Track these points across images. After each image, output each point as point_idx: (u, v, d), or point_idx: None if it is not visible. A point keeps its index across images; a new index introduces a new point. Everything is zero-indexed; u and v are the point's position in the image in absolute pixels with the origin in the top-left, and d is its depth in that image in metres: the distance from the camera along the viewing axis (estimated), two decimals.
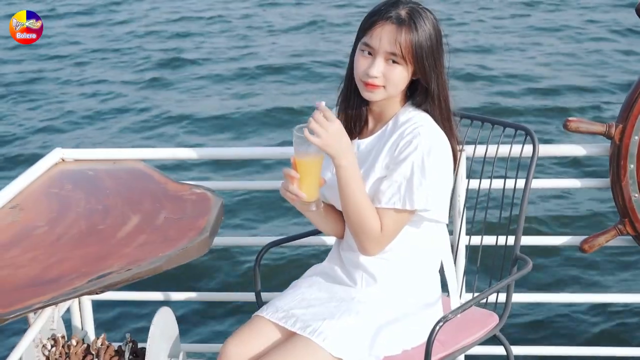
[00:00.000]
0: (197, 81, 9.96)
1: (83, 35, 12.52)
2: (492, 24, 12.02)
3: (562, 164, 6.43)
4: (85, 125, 8.60)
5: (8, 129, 8.67)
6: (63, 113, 9.04)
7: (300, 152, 2.13)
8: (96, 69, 10.68)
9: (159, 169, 2.99)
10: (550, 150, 2.89)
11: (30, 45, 11.77)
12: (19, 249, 2.33)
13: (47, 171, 2.99)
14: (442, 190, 2.24)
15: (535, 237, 3.09)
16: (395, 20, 2.17)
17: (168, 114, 8.73)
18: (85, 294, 2.07)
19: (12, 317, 1.95)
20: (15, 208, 2.64)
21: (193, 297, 3.40)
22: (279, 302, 2.43)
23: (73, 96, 9.64)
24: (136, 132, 8.27)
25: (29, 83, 10.27)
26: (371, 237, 2.24)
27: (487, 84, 9.25)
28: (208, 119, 8.52)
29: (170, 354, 2.67)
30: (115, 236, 2.39)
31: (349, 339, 2.25)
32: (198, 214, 2.53)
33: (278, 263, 4.95)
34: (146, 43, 11.84)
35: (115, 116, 8.84)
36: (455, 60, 9.97)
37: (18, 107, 9.42)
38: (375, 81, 2.21)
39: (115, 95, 9.59)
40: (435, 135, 2.23)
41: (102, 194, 2.76)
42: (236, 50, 11.19)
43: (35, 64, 11.10)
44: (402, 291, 2.38)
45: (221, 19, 13.00)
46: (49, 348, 2.64)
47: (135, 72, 10.47)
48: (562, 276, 4.74)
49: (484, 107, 8.40)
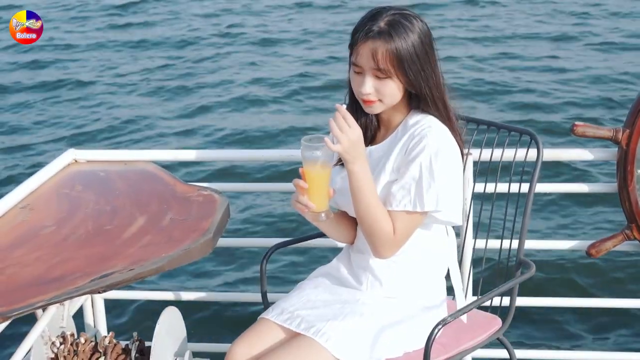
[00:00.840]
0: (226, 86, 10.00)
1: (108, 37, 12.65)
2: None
3: (572, 168, 6.42)
4: (104, 128, 8.69)
5: (25, 128, 8.80)
6: (86, 114, 9.15)
7: (308, 162, 2.15)
8: (118, 72, 10.78)
9: (170, 170, 3.03)
10: (555, 155, 2.88)
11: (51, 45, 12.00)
12: (26, 248, 2.38)
13: (59, 172, 3.04)
14: (453, 190, 2.25)
15: (542, 242, 3.09)
16: (374, 35, 2.17)
17: (190, 119, 8.81)
18: (87, 292, 2.11)
19: (14, 315, 1.99)
20: (26, 208, 2.69)
21: (204, 297, 3.44)
22: (284, 303, 2.46)
23: (95, 98, 9.75)
24: (155, 137, 8.34)
25: (56, 84, 10.40)
26: (384, 240, 2.26)
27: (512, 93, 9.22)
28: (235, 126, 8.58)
29: (177, 353, 2.70)
30: (121, 237, 2.43)
31: (351, 340, 2.27)
32: (203, 215, 2.57)
33: (285, 264, 5.00)
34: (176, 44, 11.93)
35: (137, 120, 8.93)
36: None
37: (39, 107, 9.54)
38: (370, 97, 2.24)
39: (136, 97, 9.68)
40: (442, 136, 2.24)
41: (111, 195, 2.80)
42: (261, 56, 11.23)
43: (61, 63, 11.23)
44: (407, 294, 2.40)
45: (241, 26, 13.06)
46: (58, 345, 2.68)
47: (158, 76, 10.57)
48: (568, 281, 4.71)
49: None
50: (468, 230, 2.90)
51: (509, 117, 8.16)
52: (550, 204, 5.81)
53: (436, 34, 3.02)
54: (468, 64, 10.24)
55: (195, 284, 4.91)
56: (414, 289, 2.40)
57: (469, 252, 2.91)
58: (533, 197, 2.58)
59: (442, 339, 2.47)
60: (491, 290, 2.44)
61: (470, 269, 2.89)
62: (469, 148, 2.83)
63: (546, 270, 4.67)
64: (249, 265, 5.04)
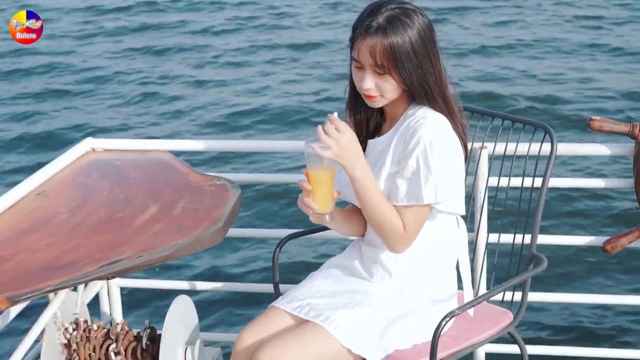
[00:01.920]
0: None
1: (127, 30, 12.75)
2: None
3: (589, 163, 6.37)
4: (126, 117, 8.76)
5: (47, 116, 8.89)
6: (110, 103, 9.22)
7: (312, 165, 2.16)
8: (144, 63, 10.85)
9: (187, 160, 3.05)
10: (570, 149, 2.85)
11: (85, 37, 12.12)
12: (38, 234, 2.41)
13: (76, 160, 3.07)
14: (452, 181, 2.24)
15: (557, 237, 3.08)
16: (372, 32, 2.16)
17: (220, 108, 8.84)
18: (95, 279, 2.13)
19: (22, 300, 2.02)
20: (41, 195, 2.72)
21: (219, 287, 3.46)
22: (294, 292, 2.46)
23: (119, 87, 9.82)
24: (176, 126, 8.39)
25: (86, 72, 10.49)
26: (396, 237, 2.26)
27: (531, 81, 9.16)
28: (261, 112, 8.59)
29: (188, 342, 2.72)
30: (132, 224, 2.45)
31: (359, 330, 2.28)
32: (215, 204, 2.58)
33: (297, 255, 5.01)
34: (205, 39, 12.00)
35: (161, 107, 8.98)
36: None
37: (63, 94, 9.63)
38: (371, 92, 2.24)
39: (163, 86, 9.73)
40: (437, 127, 2.23)
41: (125, 184, 2.82)
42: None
43: (89, 56, 11.33)
44: (417, 286, 2.39)
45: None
46: (71, 331, 2.71)
47: (187, 66, 10.61)
48: (583, 276, 4.67)
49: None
50: (482, 223, 2.89)
51: (530, 106, 8.11)
52: (565, 198, 5.76)
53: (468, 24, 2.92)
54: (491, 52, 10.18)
55: (212, 273, 4.94)
56: (423, 281, 2.40)
57: (482, 246, 2.90)
58: (546, 192, 2.57)
59: (451, 331, 2.47)
60: (501, 284, 2.43)
61: (483, 262, 2.88)
62: (482, 142, 2.82)
63: (561, 265, 4.63)
64: (265, 255, 5.07)
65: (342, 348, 2.25)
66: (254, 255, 5.14)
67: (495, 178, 2.80)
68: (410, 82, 2.21)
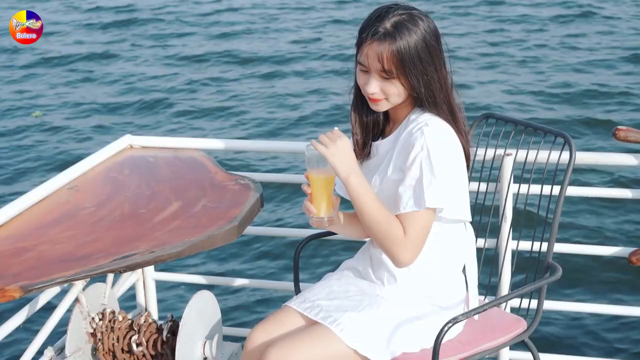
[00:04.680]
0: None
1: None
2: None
3: (624, 173, 6.26)
4: (172, 116, 8.91)
5: (98, 110, 9.15)
6: (160, 101, 9.40)
7: (311, 168, 2.21)
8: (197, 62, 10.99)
9: (228, 160, 3.12)
10: (589, 158, 2.82)
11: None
12: (62, 226, 2.51)
13: (113, 156, 3.18)
14: (454, 187, 2.25)
15: (584, 246, 3.04)
16: (379, 37, 2.18)
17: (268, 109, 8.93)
18: (106, 271, 2.22)
19: (35, 289, 2.12)
20: (73, 189, 2.83)
21: (252, 284, 3.54)
22: (307, 293, 2.51)
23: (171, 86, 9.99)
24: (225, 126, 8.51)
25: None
26: (396, 244, 2.23)
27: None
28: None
29: (208, 336, 2.80)
30: (152, 220, 2.54)
31: (366, 332, 2.30)
32: (234, 203, 2.64)
33: (319, 255, 5.09)
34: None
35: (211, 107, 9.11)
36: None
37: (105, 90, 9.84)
38: (375, 96, 2.26)
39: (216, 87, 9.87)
40: (439, 133, 2.23)
41: (154, 180, 2.91)
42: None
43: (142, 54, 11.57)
44: (424, 291, 2.40)
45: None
46: (97, 321, 2.81)
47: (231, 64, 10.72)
48: (607, 287, 4.58)
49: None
50: (504, 230, 2.88)
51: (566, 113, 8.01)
52: (591, 207, 5.66)
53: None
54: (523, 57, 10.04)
55: (249, 270, 5.02)
56: (430, 286, 2.40)
57: (509, 254, 2.89)
58: (564, 200, 2.56)
59: (462, 337, 2.48)
60: (511, 292, 2.43)
61: (500, 269, 2.88)
62: (505, 148, 2.81)
63: (587, 275, 4.55)
64: (291, 254, 5.15)
65: (349, 350, 2.28)
66: (290, 253, 5.20)
67: (516, 185, 2.80)
68: (416, 88, 2.23)
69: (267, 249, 5.28)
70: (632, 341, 4.05)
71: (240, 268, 5.08)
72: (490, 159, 2.86)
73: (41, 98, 9.79)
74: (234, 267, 5.10)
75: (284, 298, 3.02)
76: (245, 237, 5.27)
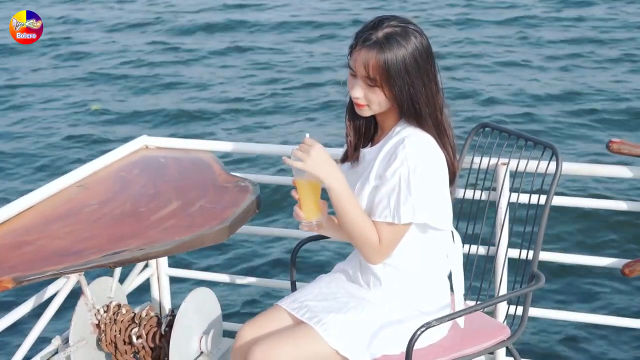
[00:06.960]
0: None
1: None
2: None
3: (624, 185, 6.19)
4: (194, 117, 9.08)
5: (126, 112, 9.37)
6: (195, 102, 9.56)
7: (296, 174, 2.30)
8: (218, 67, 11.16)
9: (234, 163, 3.22)
10: (576, 169, 2.84)
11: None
12: (64, 223, 2.64)
13: (128, 155, 3.30)
14: (433, 200, 2.31)
15: (578, 256, 3.06)
16: (369, 44, 2.25)
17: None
18: (96, 267, 2.33)
19: (26, 281, 2.25)
20: (81, 187, 2.96)
21: (261, 282, 3.62)
22: (298, 293, 2.60)
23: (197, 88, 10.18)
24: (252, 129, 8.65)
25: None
26: (371, 248, 2.36)
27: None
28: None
29: (205, 331, 2.91)
30: (149, 219, 2.65)
31: (348, 333, 2.38)
32: (230, 204, 2.74)
33: (315, 256, 5.16)
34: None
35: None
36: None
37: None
38: (359, 101, 2.33)
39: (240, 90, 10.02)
40: (421, 146, 2.30)
41: (160, 180, 3.02)
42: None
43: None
44: (408, 295, 2.47)
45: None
46: (102, 314, 2.94)
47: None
48: (597, 297, 4.54)
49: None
50: (502, 238, 2.92)
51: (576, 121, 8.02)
52: (583, 219, 5.62)
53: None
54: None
55: (258, 268, 5.13)
56: (413, 290, 2.47)
57: (503, 261, 2.93)
58: (557, 210, 2.60)
59: (445, 341, 2.54)
60: (491, 299, 2.48)
61: (492, 275, 2.92)
62: (499, 157, 2.86)
63: (579, 285, 4.53)
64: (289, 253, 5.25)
65: (331, 350, 2.36)
66: (286, 251, 5.28)
67: (510, 193, 2.84)
68: (399, 99, 2.29)
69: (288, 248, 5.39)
70: (618, 351, 4.04)
71: (258, 267, 5.19)
72: (486, 167, 2.91)
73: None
74: (247, 265, 5.21)
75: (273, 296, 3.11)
76: (267, 237, 5.42)
